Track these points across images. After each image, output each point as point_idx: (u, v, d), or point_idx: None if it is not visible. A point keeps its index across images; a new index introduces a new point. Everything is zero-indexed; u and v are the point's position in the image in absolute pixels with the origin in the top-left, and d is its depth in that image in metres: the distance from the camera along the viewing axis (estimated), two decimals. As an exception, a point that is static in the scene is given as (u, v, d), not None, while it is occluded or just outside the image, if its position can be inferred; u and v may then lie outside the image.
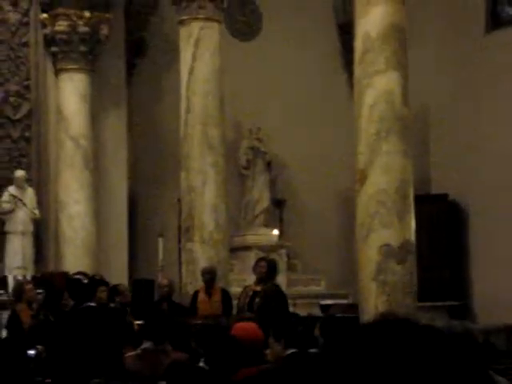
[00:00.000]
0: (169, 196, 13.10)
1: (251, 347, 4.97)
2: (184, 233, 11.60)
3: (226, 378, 4.70)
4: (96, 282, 7.22)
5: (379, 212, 10.49)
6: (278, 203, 14.03)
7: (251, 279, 10.26)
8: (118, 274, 11.88)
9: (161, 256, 11.72)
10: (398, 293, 10.34)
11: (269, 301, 9.37)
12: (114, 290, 10.11)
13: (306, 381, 4.00)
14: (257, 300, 9.62)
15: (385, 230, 10.44)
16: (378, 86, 9.97)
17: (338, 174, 13.13)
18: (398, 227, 10.39)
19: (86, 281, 6.33)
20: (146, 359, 5.57)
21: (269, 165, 13.95)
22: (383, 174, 10.50)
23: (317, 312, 10.87)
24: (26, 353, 7.33)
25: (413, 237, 10.45)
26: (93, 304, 6.18)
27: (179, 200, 11.86)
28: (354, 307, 10.67)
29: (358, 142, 10.80)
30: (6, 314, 10.20)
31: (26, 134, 13.08)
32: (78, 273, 6.78)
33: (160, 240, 11.80)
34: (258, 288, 9.72)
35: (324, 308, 10.98)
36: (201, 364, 4.92)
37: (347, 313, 10.14)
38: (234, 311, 9.93)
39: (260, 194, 13.81)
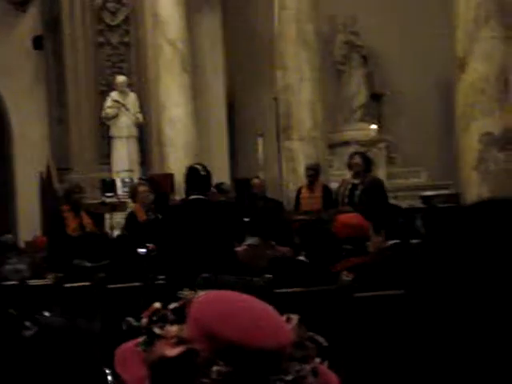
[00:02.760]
0: (266, 95, 13.16)
1: (353, 234, 5.04)
2: (282, 131, 11.71)
3: (324, 269, 4.85)
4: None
5: (479, 100, 10.33)
6: (375, 97, 13.90)
7: (349, 174, 10.34)
8: (220, 174, 12.16)
9: (261, 155, 11.89)
10: (501, 181, 10.27)
11: (371, 193, 9.42)
12: (219, 189, 10.42)
13: (407, 270, 4.11)
14: (356, 193, 9.71)
15: (485, 118, 10.30)
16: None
17: (435, 64, 12.86)
18: (499, 115, 10.23)
19: (203, 173, 6.09)
20: (252, 253, 5.74)
21: (365, 59, 13.75)
22: (483, 61, 10.29)
23: (418, 204, 10.91)
24: (137, 251, 7.68)
25: (514, 124, 10.29)
26: (202, 197, 6.06)
27: (275, 99, 11.92)
28: (455, 197, 10.64)
29: (455, 29, 10.57)
30: (117, 216, 10.68)
31: (125, 39, 13.30)
32: (198, 164, 6.55)
33: (260, 140, 11.95)
34: (356, 181, 9.81)
35: (425, 199, 10.99)
36: (301, 257, 5.07)
37: (449, 203, 10.13)
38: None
39: (357, 89, 13.68)
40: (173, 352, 1.22)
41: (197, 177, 6.06)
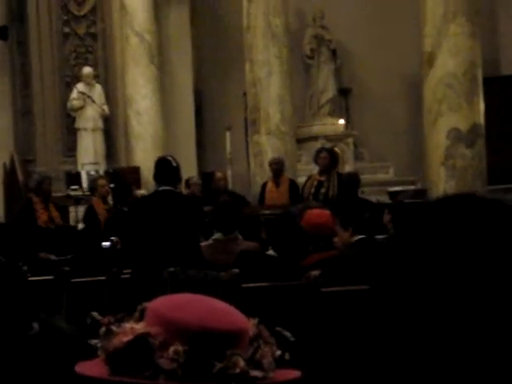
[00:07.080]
0: (234, 89, 13.07)
1: (322, 233, 5.00)
2: (250, 125, 11.65)
3: (294, 264, 4.81)
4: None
5: (447, 95, 10.34)
6: (343, 92, 13.86)
7: (316, 169, 10.30)
8: (188, 167, 12.04)
9: (228, 149, 11.81)
10: (468, 177, 10.29)
11: (347, 188, 9.32)
12: (186, 183, 10.32)
13: (374, 265, 4.09)
14: (322, 190, 9.68)
15: (453, 113, 10.31)
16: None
17: (404, 59, 12.85)
18: (467, 111, 10.25)
19: (175, 164, 5.99)
20: (218, 248, 5.70)
21: (334, 53, 13.68)
22: (451, 57, 10.30)
23: (385, 199, 10.90)
24: (101, 244, 7.58)
25: (482, 120, 10.32)
26: (171, 188, 5.97)
27: (245, 93, 11.86)
28: (422, 193, 10.65)
29: (424, 24, 10.57)
30: (81, 208, 10.55)
31: (92, 30, 13.12)
32: (169, 155, 6.49)
33: (227, 133, 11.87)
34: (323, 178, 9.77)
35: (392, 195, 10.99)
36: (270, 252, 5.02)
37: (416, 199, 10.13)
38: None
39: (325, 84, 13.62)
40: (128, 338, 1.29)
41: (168, 168, 5.96)
